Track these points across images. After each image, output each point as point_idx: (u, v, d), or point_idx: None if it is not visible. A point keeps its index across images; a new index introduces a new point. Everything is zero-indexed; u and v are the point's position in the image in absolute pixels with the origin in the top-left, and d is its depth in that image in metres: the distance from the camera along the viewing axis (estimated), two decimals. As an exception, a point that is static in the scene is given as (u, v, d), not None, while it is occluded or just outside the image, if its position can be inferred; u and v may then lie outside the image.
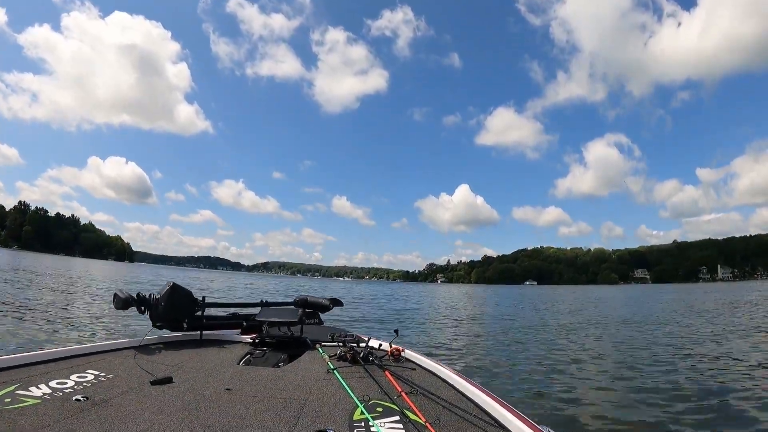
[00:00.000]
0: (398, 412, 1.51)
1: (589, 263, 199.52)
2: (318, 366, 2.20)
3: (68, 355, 2.12)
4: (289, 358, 2.42)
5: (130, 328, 7.74)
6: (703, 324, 12.93)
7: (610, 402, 4.63)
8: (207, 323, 2.93)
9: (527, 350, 8.17)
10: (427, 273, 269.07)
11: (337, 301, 3.56)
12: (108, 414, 1.40)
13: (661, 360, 7.05)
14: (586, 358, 7.39)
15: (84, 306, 11.11)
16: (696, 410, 4.30)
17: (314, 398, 1.67)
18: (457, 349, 8.06)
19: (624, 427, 3.87)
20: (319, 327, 3.31)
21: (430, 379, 2.02)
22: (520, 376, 5.88)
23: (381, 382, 1.84)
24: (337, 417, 1.46)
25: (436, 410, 1.56)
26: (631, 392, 5.01)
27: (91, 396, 1.57)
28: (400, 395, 1.66)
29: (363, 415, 1.46)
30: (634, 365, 6.59)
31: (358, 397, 1.64)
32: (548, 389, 5.12)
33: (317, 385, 1.85)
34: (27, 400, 1.49)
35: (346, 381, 1.82)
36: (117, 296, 2.60)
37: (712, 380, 5.57)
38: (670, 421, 3.96)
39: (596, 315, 17.01)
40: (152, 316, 2.67)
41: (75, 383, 1.71)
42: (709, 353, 7.65)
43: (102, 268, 53.39)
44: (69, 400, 1.51)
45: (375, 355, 2.27)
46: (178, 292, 2.74)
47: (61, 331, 7.27)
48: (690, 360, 7.02)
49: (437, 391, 1.78)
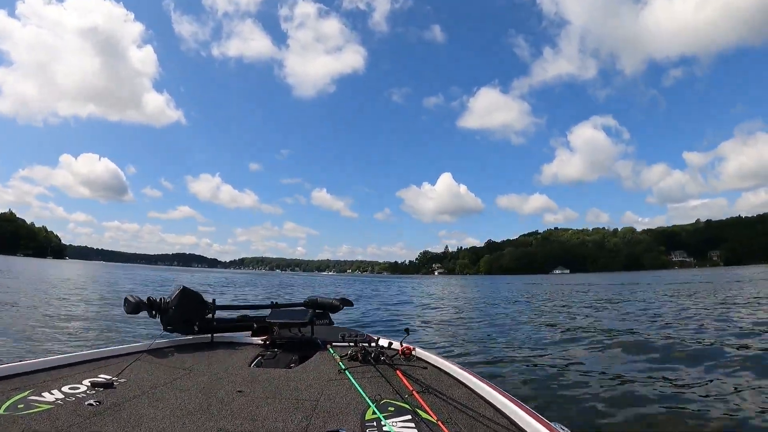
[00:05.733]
0: (410, 411, 1.51)
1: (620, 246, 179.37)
2: (329, 366, 2.18)
3: (80, 360, 2.12)
4: (300, 359, 2.40)
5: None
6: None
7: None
8: (217, 326, 2.92)
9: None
10: (419, 263, 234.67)
11: (347, 302, 3.44)
12: (121, 418, 1.41)
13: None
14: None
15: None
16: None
17: (326, 398, 1.67)
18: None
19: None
20: (329, 327, 3.26)
21: (441, 377, 1.99)
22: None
23: (392, 381, 1.84)
24: (349, 417, 1.47)
25: (447, 409, 1.55)
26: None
27: (104, 400, 1.57)
28: (411, 394, 1.65)
29: (375, 414, 1.46)
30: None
31: (370, 396, 1.63)
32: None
33: (329, 386, 1.85)
34: (40, 405, 1.49)
35: (358, 381, 1.82)
36: (128, 301, 2.59)
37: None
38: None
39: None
40: (163, 319, 2.64)
41: (87, 388, 1.71)
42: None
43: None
44: (81, 404, 1.52)
45: (386, 354, 2.21)
46: (189, 295, 2.73)
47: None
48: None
49: (449, 390, 1.77)
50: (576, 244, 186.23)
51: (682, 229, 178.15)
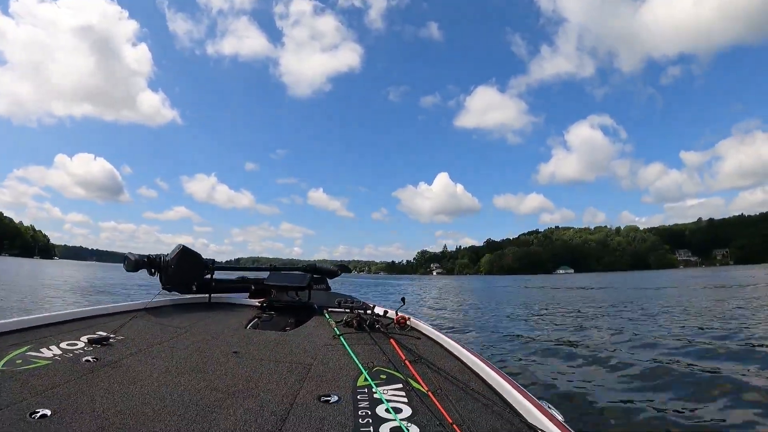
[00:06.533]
0: (401, 380, 1.51)
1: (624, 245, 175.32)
2: (324, 331, 2.20)
3: (78, 317, 2.15)
4: (296, 322, 2.44)
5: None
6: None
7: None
8: (216, 286, 2.97)
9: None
10: (417, 263, 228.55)
11: (345, 268, 3.55)
12: (117, 375, 1.43)
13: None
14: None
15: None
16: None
17: (319, 363, 1.69)
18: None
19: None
20: (326, 293, 3.32)
21: (434, 348, 1.99)
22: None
23: (386, 349, 1.84)
24: (342, 382, 1.48)
25: (438, 380, 1.55)
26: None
27: (101, 357, 1.59)
28: (404, 363, 1.66)
29: (367, 381, 1.47)
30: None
31: (363, 363, 1.64)
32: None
33: (323, 351, 1.86)
34: (38, 361, 1.50)
35: (352, 347, 1.83)
36: (128, 258, 2.60)
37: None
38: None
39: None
40: (162, 278, 2.68)
41: (85, 344, 1.72)
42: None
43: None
44: (79, 361, 1.53)
45: (381, 322, 2.22)
46: (188, 254, 2.76)
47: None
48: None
49: (441, 361, 1.77)
50: (579, 244, 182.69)
51: (686, 227, 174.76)
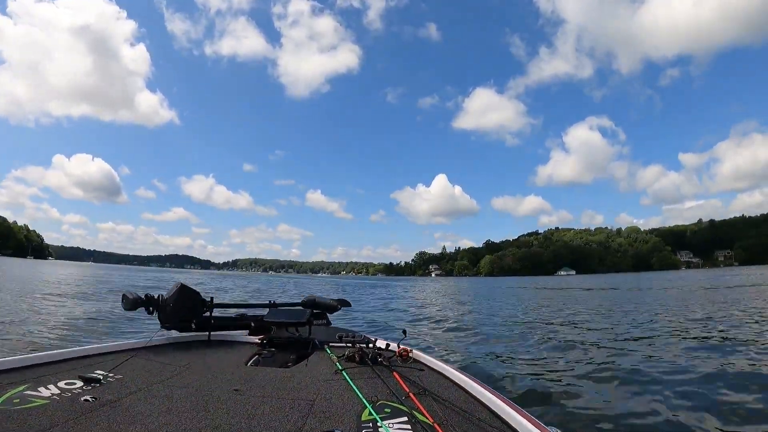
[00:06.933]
0: (406, 413, 1.48)
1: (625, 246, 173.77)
2: (326, 366, 2.16)
3: (77, 356, 2.10)
4: (297, 358, 2.39)
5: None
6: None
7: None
8: (215, 324, 2.90)
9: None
10: (416, 264, 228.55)
11: (344, 302, 3.43)
12: (116, 414, 1.40)
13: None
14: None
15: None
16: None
17: (322, 399, 1.64)
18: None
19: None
20: (327, 328, 3.21)
21: (438, 380, 1.95)
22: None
23: (389, 382, 1.79)
24: (346, 417, 1.45)
25: (444, 411, 1.52)
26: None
27: (100, 396, 1.55)
28: (408, 396, 1.62)
29: (371, 415, 1.44)
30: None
31: (367, 397, 1.61)
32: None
33: (325, 386, 1.82)
34: (36, 400, 1.47)
35: (355, 382, 1.80)
36: (126, 297, 2.57)
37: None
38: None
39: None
40: (160, 317, 2.63)
41: (83, 384, 1.69)
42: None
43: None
44: (77, 400, 1.50)
45: (383, 355, 2.20)
46: (186, 292, 2.71)
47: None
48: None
49: (445, 392, 1.74)
50: (580, 245, 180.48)
51: (687, 228, 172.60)
